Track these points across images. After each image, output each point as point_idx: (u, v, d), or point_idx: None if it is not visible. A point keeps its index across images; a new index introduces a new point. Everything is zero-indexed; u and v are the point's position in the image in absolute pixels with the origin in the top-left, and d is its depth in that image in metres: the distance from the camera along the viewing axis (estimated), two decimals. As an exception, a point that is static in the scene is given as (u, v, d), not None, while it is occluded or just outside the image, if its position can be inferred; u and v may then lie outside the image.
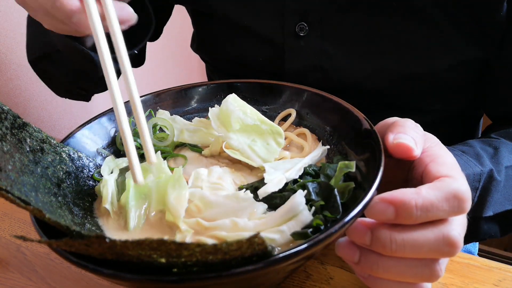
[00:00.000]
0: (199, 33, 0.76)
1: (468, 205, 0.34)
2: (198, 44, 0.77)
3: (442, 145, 0.41)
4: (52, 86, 0.79)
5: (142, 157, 0.50)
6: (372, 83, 0.62)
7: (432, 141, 0.41)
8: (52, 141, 0.43)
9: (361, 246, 0.35)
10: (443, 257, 0.34)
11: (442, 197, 0.33)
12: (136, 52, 0.63)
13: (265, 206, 0.41)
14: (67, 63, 0.68)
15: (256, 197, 0.42)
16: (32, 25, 0.72)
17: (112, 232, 0.41)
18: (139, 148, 0.50)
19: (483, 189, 0.51)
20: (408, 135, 0.38)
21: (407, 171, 0.41)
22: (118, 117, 0.39)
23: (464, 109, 0.68)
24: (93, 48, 0.60)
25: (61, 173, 0.43)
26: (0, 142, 0.37)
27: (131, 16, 0.43)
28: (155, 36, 0.84)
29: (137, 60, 0.81)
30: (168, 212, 0.40)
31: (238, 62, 0.71)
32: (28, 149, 0.39)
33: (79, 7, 0.39)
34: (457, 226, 0.34)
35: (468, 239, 0.37)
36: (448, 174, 0.35)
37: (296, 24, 0.61)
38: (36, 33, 0.71)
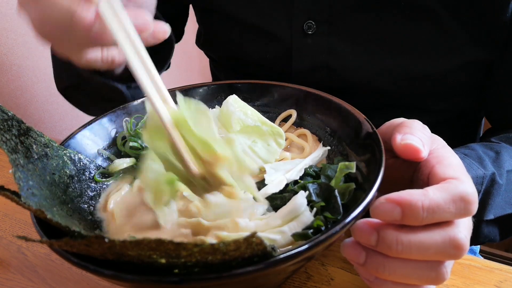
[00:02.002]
0: (205, 29, 0.76)
1: (475, 207, 0.34)
2: (204, 41, 0.77)
3: (448, 147, 0.41)
4: (82, 109, 0.79)
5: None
6: (378, 82, 0.62)
7: (439, 142, 0.41)
8: (54, 144, 0.43)
9: (367, 247, 0.35)
10: (449, 260, 0.34)
11: (449, 199, 0.33)
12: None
13: (265, 206, 0.41)
14: (97, 93, 0.68)
15: (256, 198, 0.42)
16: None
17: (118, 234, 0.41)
18: (139, 148, 0.50)
19: (485, 192, 0.51)
20: (415, 136, 0.38)
21: (413, 172, 0.41)
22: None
23: (466, 110, 0.68)
24: (119, 79, 0.60)
25: (65, 177, 0.42)
26: (15, 154, 0.36)
27: (147, 23, 0.40)
28: (178, 37, 0.84)
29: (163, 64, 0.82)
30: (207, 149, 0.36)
31: (244, 59, 0.71)
32: (36, 157, 0.39)
33: (94, 18, 0.37)
34: (464, 228, 0.34)
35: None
36: (454, 176, 0.35)
37: (304, 22, 0.61)
38: (63, 63, 0.69)
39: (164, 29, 0.42)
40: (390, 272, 0.34)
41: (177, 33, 0.84)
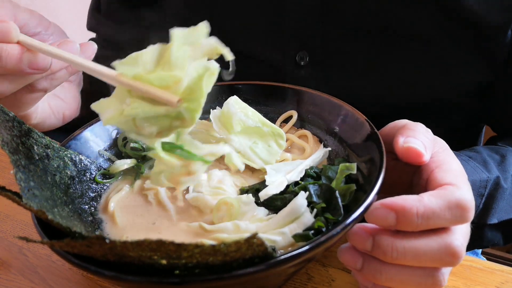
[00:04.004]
0: None
1: (471, 214, 0.34)
2: None
3: (450, 150, 0.40)
4: None
5: (143, 159, 0.51)
6: (374, 108, 0.61)
7: (440, 146, 0.40)
8: (55, 145, 0.43)
9: (364, 252, 0.35)
10: (444, 266, 0.34)
11: (445, 205, 0.33)
12: None
13: (266, 211, 0.41)
14: None
15: (257, 199, 0.42)
16: None
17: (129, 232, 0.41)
18: (140, 150, 0.50)
19: (489, 196, 0.50)
20: (418, 139, 0.38)
21: (413, 175, 0.41)
22: None
23: (467, 122, 0.67)
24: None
25: (66, 178, 0.42)
26: (16, 155, 0.36)
27: (72, 47, 0.42)
28: None
29: None
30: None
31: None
32: (37, 158, 0.39)
33: (20, 51, 0.39)
34: (460, 235, 0.34)
35: (471, 246, 0.37)
36: (452, 182, 0.35)
37: (296, 52, 0.60)
38: None
39: (90, 45, 0.45)
40: (387, 278, 0.34)
41: None
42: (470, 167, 0.50)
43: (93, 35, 0.81)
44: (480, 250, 0.88)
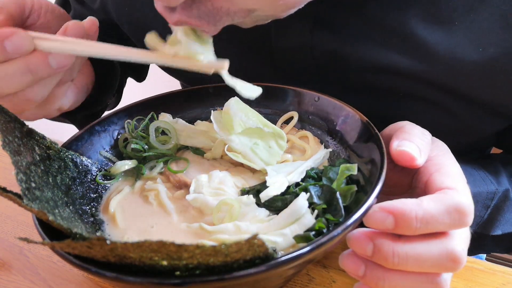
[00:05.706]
0: None
1: (470, 219, 0.34)
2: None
3: (451, 154, 0.40)
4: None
5: (144, 160, 0.51)
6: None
7: (440, 149, 0.40)
8: (56, 146, 0.43)
9: (366, 259, 0.35)
10: (445, 272, 0.34)
11: (444, 210, 0.33)
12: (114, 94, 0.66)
13: (267, 212, 0.41)
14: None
15: (258, 200, 0.42)
16: None
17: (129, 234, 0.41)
18: (141, 151, 0.50)
19: (495, 207, 0.50)
20: (413, 142, 0.38)
21: (412, 177, 0.40)
22: None
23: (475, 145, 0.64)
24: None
25: (67, 179, 0.42)
26: (18, 156, 0.36)
27: (77, 27, 0.43)
28: (142, 77, 0.82)
29: (139, 75, 0.81)
30: None
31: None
32: (38, 159, 0.39)
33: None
34: (461, 241, 0.34)
35: (471, 252, 0.37)
36: (451, 186, 0.35)
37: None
38: None
39: (91, 21, 0.45)
40: (390, 286, 0.34)
41: (141, 73, 0.81)
42: (480, 177, 0.49)
43: None
44: (483, 251, 0.88)
